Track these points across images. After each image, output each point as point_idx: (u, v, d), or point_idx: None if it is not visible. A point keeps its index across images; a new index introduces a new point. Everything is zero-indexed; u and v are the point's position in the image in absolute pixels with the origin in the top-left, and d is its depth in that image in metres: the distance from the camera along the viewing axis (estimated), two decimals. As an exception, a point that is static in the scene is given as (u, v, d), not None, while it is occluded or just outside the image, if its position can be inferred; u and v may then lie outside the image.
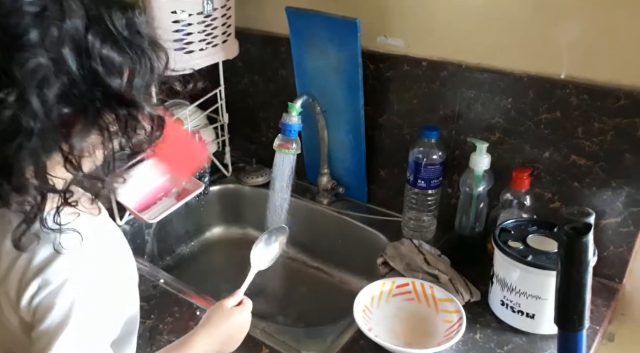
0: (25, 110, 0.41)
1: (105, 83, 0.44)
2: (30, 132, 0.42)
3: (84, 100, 0.43)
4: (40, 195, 0.46)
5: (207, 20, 0.99)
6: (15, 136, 0.42)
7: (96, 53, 0.43)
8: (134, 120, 0.47)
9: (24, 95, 0.41)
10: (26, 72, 0.40)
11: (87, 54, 0.42)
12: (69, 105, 0.43)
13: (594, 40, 0.80)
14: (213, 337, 0.63)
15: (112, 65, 0.44)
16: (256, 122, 1.25)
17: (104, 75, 0.44)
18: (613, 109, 0.80)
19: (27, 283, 0.48)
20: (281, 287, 1.07)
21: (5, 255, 0.49)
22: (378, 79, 1.01)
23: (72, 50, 0.42)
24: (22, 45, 0.40)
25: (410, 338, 0.79)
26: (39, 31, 0.41)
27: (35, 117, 0.41)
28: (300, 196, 1.15)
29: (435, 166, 0.95)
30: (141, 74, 0.46)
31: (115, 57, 0.44)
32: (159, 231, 1.11)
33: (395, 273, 0.90)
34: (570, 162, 0.87)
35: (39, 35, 0.41)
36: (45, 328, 0.47)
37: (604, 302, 0.85)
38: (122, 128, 0.47)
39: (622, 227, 0.85)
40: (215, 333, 0.63)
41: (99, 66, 0.43)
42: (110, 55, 0.44)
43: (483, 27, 0.89)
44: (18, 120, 0.41)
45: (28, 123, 0.41)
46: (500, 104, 0.90)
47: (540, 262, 0.75)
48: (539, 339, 0.78)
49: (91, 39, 0.43)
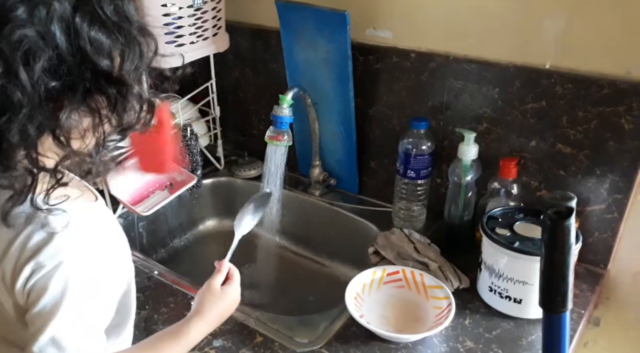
0: (13, 82, 0.42)
1: (93, 62, 0.45)
2: (19, 106, 0.43)
3: (72, 77, 0.45)
4: (29, 174, 0.47)
5: (198, 14, 1.00)
6: (4, 110, 0.43)
7: (84, 33, 0.44)
8: (123, 99, 0.48)
9: (11, 68, 0.42)
10: (12, 44, 0.42)
11: (75, 32, 0.44)
12: (57, 80, 0.44)
13: (578, 30, 0.81)
14: (208, 321, 0.64)
15: (101, 46, 0.45)
16: (248, 115, 1.26)
17: (92, 54, 0.45)
18: (596, 98, 0.82)
19: (21, 266, 0.49)
20: (274, 277, 1.09)
21: (1, 240, 0.50)
22: (367, 71, 1.02)
23: (60, 27, 0.43)
24: (9, 20, 0.42)
25: (401, 324, 0.81)
26: (27, 8, 0.42)
27: (23, 90, 0.42)
28: (293, 188, 1.16)
29: (424, 156, 0.97)
30: (130, 58, 0.47)
31: (103, 39, 0.45)
32: (151, 224, 1.12)
33: (386, 262, 0.91)
34: (555, 151, 0.88)
35: (27, 11, 0.42)
36: (38, 311, 0.48)
37: (589, 287, 0.87)
38: (111, 107, 0.48)
39: (607, 213, 0.87)
40: (209, 317, 0.64)
41: (87, 45, 0.45)
42: (98, 36, 0.45)
43: (470, 19, 0.90)
44: (6, 92, 0.42)
45: (17, 96, 0.42)
46: (488, 94, 0.92)
47: (527, 248, 0.77)
48: (526, 323, 0.80)
49: (79, 19, 0.44)
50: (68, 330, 0.49)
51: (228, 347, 0.76)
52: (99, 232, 0.54)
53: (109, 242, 0.56)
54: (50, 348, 0.48)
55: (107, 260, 0.54)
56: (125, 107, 0.49)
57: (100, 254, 0.53)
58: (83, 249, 0.51)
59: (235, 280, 0.68)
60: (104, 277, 0.53)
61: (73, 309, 0.49)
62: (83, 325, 0.51)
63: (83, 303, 0.50)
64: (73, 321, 0.49)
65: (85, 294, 0.50)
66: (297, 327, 0.80)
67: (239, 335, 0.78)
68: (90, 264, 0.51)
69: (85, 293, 0.50)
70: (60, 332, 0.49)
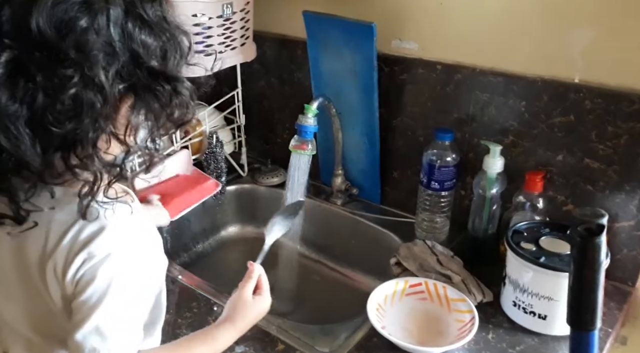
0: (89, 86, 0.46)
1: (146, 63, 0.49)
2: (93, 107, 0.47)
3: (132, 78, 0.49)
4: (102, 168, 0.51)
5: (227, 24, 1.02)
6: (80, 112, 0.46)
7: (136, 36, 0.48)
8: (177, 94, 0.52)
9: (88, 73, 0.46)
10: (86, 53, 0.46)
11: (128, 36, 0.48)
12: (123, 82, 0.48)
13: (607, 44, 0.80)
14: (238, 328, 0.65)
15: (149, 47, 0.49)
16: (272, 124, 1.27)
17: (144, 56, 0.49)
18: (627, 113, 0.81)
19: (73, 256, 0.51)
20: (296, 285, 1.09)
21: (55, 230, 0.52)
22: (392, 82, 1.03)
23: (118, 33, 0.47)
24: (74, 30, 0.45)
25: (422, 337, 0.80)
26: (89, 18, 0.46)
27: (100, 92, 0.47)
28: (315, 197, 1.17)
29: (448, 168, 0.96)
30: (173, 55, 0.51)
31: (150, 40, 0.49)
32: (176, 229, 1.14)
33: (408, 273, 0.91)
34: (583, 165, 0.87)
35: (89, 21, 0.46)
36: (85, 300, 0.51)
37: (617, 305, 0.85)
38: (168, 103, 0.51)
39: (636, 230, 0.85)
40: (240, 325, 0.65)
41: (140, 48, 0.48)
42: (146, 38, 0.49)
43: (497, 31, 0.90)
44: (81, 98, 0.46)
45: (92, 98, 0.46)
46: (514, 107, 0.91)
47: (553, 264, 0.76)
48: (551, 340, 0.79)
49: (130, 24, 0.48)
50: (111, 320, 0.51)
51: (250, 353, 0.77)
52: (141, 230, 0.56)
53: (149, 240, 0.58)
54: (93, 336, 0.50)
55: (148, 257, 0.56)
56: (180, 101, 0.52)
57: (143, 250, 0.55)
58: (130, 243, 0.53)
59: (266, 290, 0.69)
60: (145, 272, 0.55)
61: (117, 300, 0.51)
62: (125, 317, 0.53)
63: (127, 295, 0.52)
64: (117, 312, 0.51)
65: (129, 287, 0.52)
66: (319, 336, 0.80)
67: (261, 342, 0.79)
68: (135, 258, 0.53)
69: (129, 285, 0.52)
70: (104, 322, 0.50)
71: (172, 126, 0.55)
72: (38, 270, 0.53)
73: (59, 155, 0.49)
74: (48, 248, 0.52)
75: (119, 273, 0.51)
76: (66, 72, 0.45)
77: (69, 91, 0.45)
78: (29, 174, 0.49)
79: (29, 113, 0.46)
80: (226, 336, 0.63)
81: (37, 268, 0.53)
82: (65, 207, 0.52)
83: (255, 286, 0.69)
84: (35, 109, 0.46)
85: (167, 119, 0.53)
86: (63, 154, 0.49)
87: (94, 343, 0.50)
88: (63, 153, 0.49)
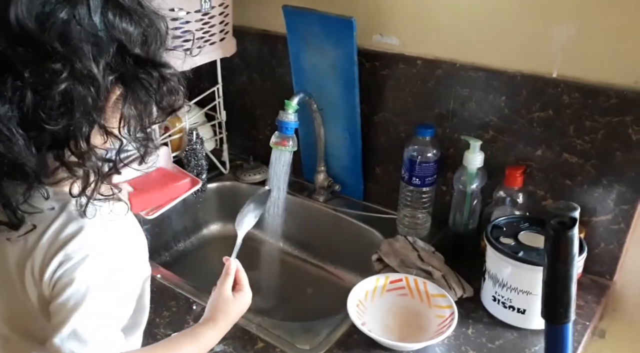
0: (80, 80, 0.45)
1: (131, 51, 0.48)
2: (85, 101, 0.46)
3: (121, 68, 0.48)
4: (98, 163, 0.50)
5: (205, 18, 1.01)
6: (72, 107, 0.45)
7: (117, 25, 0.47)
8: (166, 81, 0.51)
9: (78, 66, 0.45)
10: (74, 45, 0.44)
11: (111, 26, 0.47)
12: (113, 73, 0.47)
13: (586, 39, 0.81)
14: (221, 327, 0.64)
15: (132, 35, 0.48)
16: (254, 120, 1.26)
17: (128, 44, 0.48)
18: (604, 108, 0.81)
19: (50, 257, 0.50)
20: (277, 282, 1.08)
21: (32, 233, 0.51)
22: (374, 77, 1.02)
23: (101, 22, 0.46)
24: (56, 22, 0.44)
25: (403, 332, 0.80)
26: (69, 8, 0.44)
27: (92, 85, 0.46)
28: (297, 193, 1.16)
29: (429, 164, 0.96)
30: (154, 40, 0.50)
31: (132, 28, 0.48)
32: (156, 227, 1.13)
33: (390, 269, 0.91)
34: (562, 160, 0.88)
35: (69, 12, 0.44)
36: (62, 302, 0.49)
37: (595, 299, 0.86)
38: (157, 90, 0.51)
39: (613, 224, 0.86)
40: (223, 323, 0.64)
41: (123, 36, 0.47)
42: (127, 26, 0.48)
43: (477, 27, 0.90)
44: (72, 91, 0.45)
45: (84, 92, 0.45)
46: (494, 103, 0.91)
47: (531, 258, 0.76)
48: (530, 334, 0.79)
49: (110, 13, 0.47)
50: (90, 324, 0.50)
51: (229, 352, 0.76)
52: (123, 229, 0.55)
53: (131, 240, 0.57)
54: (71, 340, 0.49)
55: (129, 258, 0.55)
56: (169, 87, 0.51)
57: (124, 251, 0.54)
58: (109, 244, 0.52)
59: (245, 285, 0.68)
60: (126, 274, 0.54)
61: (96, 303, 0.50)
62: (104, 319, 0.51)
63: (106, 297, 0.51)
64: (95, 315, 0.50)
65: (108, 289, 0.51)
66: (299, 333, 0.80)
67: (240, 340, 0.78)
68: (114, 259, 0.52)
69: (108, 288, 0.51)
70: (82, 325, 0.49)
71: (162, 114, 0.54)
72: (17, 268, 0.52)
73: (53, 153, 0.48)
74: (27, 247, 0.51)
75: (98, 275, 0.50)
76: (54, 66, 0.44)
77: (59, 86, 0.44)
78: (23, 175, 0.48)
79: (19, 112, 0.44)
80: (210, 335, 0.63)
81: (15, 267, 0.52)
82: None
83: (234, 281, 0.68)
84: (26, 107, 0.44)
85: (158, 107, 0.52)
86: (58, 151, 0.48)
87: (72, 348, 0.49)
88: (58, 150, 0.48)
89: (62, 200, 0.52)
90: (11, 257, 0.52)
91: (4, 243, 0.52)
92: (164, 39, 0.52)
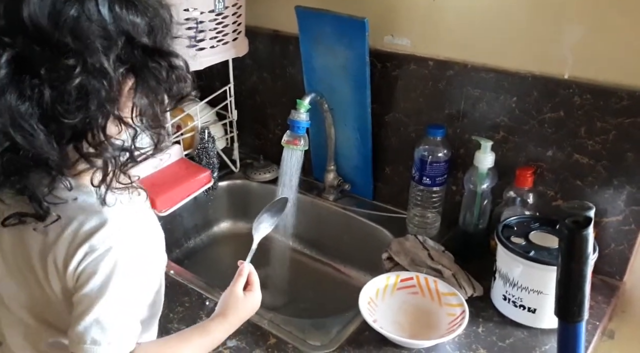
0: (93, 74, 0.46)
1: (140, 42, 0.49)
2: (99, 94, 0.47)
3: (131, 60, 0.49)
4: (115, 152, 0.51)
5: (219, 18, 1.02)
6: (87, 100, 0.47)
7: (125, 17, 0.48)
8: (174, 69, 0.52)
9: (90, 60, 0.46)
10: (85, 40, 0.46)
11: (119, 18, 0.48)
12: (124, 65, 0.49)
13: (597, 41, 0.81)
14: (231, 323, 0.66)
15: (139, 26, 0.49)
16: (264, 119, 1.27)
17: (136, 35, 0.49)
18: (615, 109, 0.82)
19: (74, 249, 0.51)
20: (288, 280, 1.09)
21: (54, 225, 0.52)
22: (385, 78, 1.03)
23: (109, 16, 0.47)
24: (67, 19, 0.45)
25: (414, 330, 0.81)
26: (78, 6, 0.46)
27: (105, 78, 0.47)
28: (307, 192, 1.17)
29: (440, 164, 0.97)
30: (160, 30, 0.51)
31: (139, 19, 0.49)
32: (168, 224, 1.13)
33: (400, 268, 0.91)
34: (573, 161, 0.88)
35: (78, 8, 0.46)
36: (86, 293, 0.51)
37: (605, 299, 0.86)
38: (166, 79, 0.52)
39: (624, 225, 0.86)
40: (232, 319, 0.66)
41: (131, 28, 0.49)
42: (134, 17, 0.49)
43: (489, 28, 0.90)
44: (86, 85, 0.46)
45: (97, 85, 0.47)
46: (505, 103, 0.92)
47: (543, 258, 0.76)
48: (540, 333, 0.80)
49: (117, 6, 0.48)
50: (112, 313, 0.51)
51: (242, 347, 0.77)
52: (143, 220, 0.57)
53: (151, 230, 0.59)
54: (94, 328, 0.51)
55: (150, 247, 0.57)
56: (177, 75, 0.53)
57: (145, 241, 0.56)
58: (131, 236, 0.53)
59: (256, 286, 0.70)
60: (147, 263, 0.56)
61: (118, 293, 0.52)
62: (126, 307, 0.53)
63: (127, 288, 0.53)
64: (117, 304, 0.52)
65: (129, 280, 0.53)
66: (310, 330, 0.81)
67: (253, 336, 0.79)
68: (136, 251, 0.54)
69: (130, 278, 0.53)
70: (105, 314, 0.51)
71: (172, 101, 0.55)
72: (40, 259, 0.53)
73: (72, 145, 0.49)
74: (50, 238, 0.52)
75: (120, 266, 0.51)
76: (69, 62, 0.45)
77: (74, 81, 0.46)
78: (46, 168, 0.50)
79: (39, 109, 0.46)
80: (220, 329, 0.65)
81: (39, 256, 0.53)
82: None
83: (246, 283, 0.70)
84: (45, 103, 0.46)
85: (167, 95, 0.54)
86: (76, 143, 0.49)
87: (94, 335, 0.51)
88: (76, 143, 0.49)
89: (85, 191, 0.53)
90: (35, 247, 0.53)
91: (28, 233, 0.54)
92: (170, 28, 0.53)
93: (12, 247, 0.56)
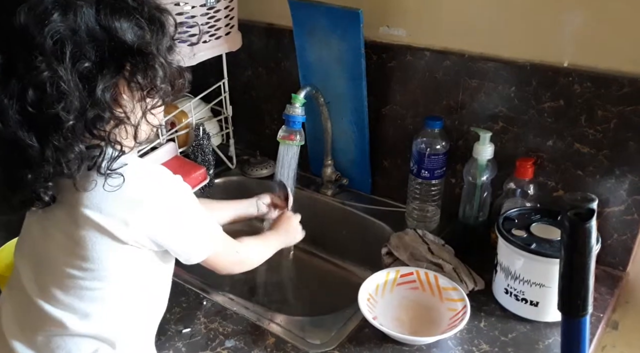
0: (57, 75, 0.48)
1: (118, 42, 0.51)
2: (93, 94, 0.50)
3: (103, 56, 0.51)
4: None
5: (211, 13, 1.00)
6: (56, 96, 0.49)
7: (108, 20, 0.51)
8: (152, 69, 0.54)
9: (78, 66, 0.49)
10: (74, 47, 0.48)
11: (107, 25, 0.51)
12: (115, 67, 0.52)
13: (597, 28, 0.79)
14: (280, 234, 0.84)
15: (122, 28, 0.52)
16: (260, 114, 1.25)
17: (116, 36, 0.51)
18: (616, 97, 0.80)
19: (126, 215, 0.55)
20: (286, 277, 1.08)
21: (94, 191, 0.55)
22: (381, 70, 1.01)
23: (96, 20, 0.50)
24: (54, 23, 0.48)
25: (414, 326, 0.80)
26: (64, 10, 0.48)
27: (93, 80, 0.50)
28: (305, 188, 1.15)
29: (438, 156, 0.95)
30: (152, 32, 0.54)
31: (125, 23, 0.52)
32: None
33: (400, 263, 0.90)
34: (573, 150, 0.87)
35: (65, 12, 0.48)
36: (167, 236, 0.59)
37: (608, 290, 0.85)
38: (143, 77, 0.54)
39: (626, 214, 0.85)
40: (282, 231, 0.85)
41: (112, 28, 0.51)
42: (120, 21, 0.51)
43: (486, 16, 0.88)
44: (57, 82, 0.48)
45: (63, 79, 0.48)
46: (504, 93, 0.90)
47: (544, 250, 0.75)
48: (543, 327, 0.79)
49: (102, 10, 0.50)
50: (197, 224, 0.63)
51: (240, 347, 0.76)
52: (158, 166, 0.62)
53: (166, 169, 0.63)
54: (206, 242, 0.65)
55: (176, 177, 0.62)
56: (154, 73, 0.55)
57: (169, 174, 0.61)
58: (158, 172, 0.60)
59: (297, 215, 0.89)
60: (184, 188, 0.62)
61: (188, 212, 0.61)
62: (201, 216, 0.63)
63: (188, 206, 0.61)
64: (195, 217, 0.62)
65: (184, 201, 0.61)
66: (310, 328, 0.80)
67: (251, 335, 0.78)
68: (170, 182, 0.60)
69: (183, 200, 0.61)
70: (195, 231, 0.62)
71: (168, 94, 0.59)
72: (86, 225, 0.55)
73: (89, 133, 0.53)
74: (94, 202, 0.54)
75: (170, 201, 0.58)
76: (59, 69, 0.48)
77: (42, 76, 0.48)
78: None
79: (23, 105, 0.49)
80: (274, 237, 0.83)
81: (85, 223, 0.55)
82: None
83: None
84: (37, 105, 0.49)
85: (161, 95, 0.58)
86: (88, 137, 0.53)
87: (206, 247, 0.65)
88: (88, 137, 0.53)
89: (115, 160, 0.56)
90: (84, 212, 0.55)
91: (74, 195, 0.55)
92: (167, 32, 0.56)
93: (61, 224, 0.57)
